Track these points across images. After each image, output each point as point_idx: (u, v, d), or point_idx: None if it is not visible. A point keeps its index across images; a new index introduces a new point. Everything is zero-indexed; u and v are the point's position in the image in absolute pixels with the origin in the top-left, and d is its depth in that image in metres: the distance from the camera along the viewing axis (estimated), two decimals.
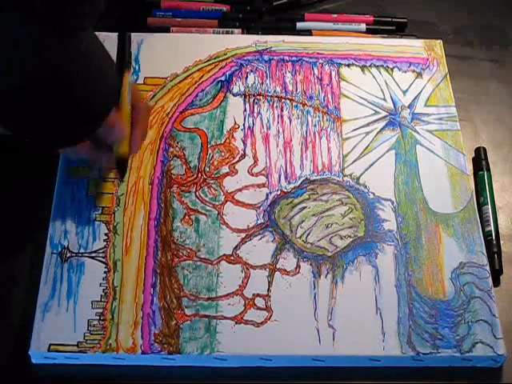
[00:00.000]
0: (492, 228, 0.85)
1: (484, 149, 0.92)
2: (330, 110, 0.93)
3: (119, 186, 0.85)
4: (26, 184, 0.87)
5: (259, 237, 0.82)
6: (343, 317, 0.78)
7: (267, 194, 0.86)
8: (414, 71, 0.97)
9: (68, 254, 0.80)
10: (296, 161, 0.89)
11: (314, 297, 0.79)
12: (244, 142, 0.90)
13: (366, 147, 0.90)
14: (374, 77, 0.96)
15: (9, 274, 0.81)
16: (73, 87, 0.73)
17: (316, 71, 0.96)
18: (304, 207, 0.85)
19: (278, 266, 0.80)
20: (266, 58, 0.97)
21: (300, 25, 1.03)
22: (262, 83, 0.95)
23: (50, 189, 0.85)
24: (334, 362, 0.76)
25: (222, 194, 0.85)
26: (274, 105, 0.93)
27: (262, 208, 0.85)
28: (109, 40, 0.93)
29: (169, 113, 0.91)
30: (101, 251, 0.80)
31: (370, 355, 0.76)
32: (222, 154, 0.89)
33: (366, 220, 0.84)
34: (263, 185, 0.86)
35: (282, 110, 0.93)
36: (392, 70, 0.97)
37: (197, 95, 0.93)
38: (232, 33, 1.01)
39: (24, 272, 0.81)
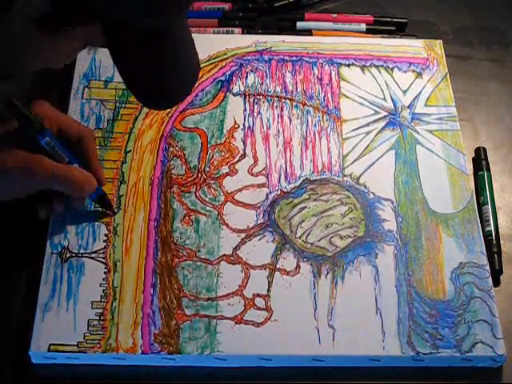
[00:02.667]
0: (492, 228, 0.85)
1: (484, 149, 0.92)
2: (329, 109, 0.93)
3: (119, 188, 0.85)
4: None
5: (259, 237, 0.82)
6: (343, 317, 0.78)
7: (267, 194, 0.86)
8: (414, 71, 0.97)
9: (68, 255, 0.80)
10: (296, 161, 0.89)
11: (314, 297, 0.79)
12: (244, 142, 0.90)
13: (366, 147, 0.90)
14: (373, 77, 0.96)
15: (9, 274, 0.81)
16: None
17: (316, 71, 0.96)
18: (304, 207, 0.85)
19: (277, 266, 0.80)
20: (265, 57, 0.97)
21: (300, 24, 1.04)
22: (262, 83, 0.95)
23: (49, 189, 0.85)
24: (334, 362, 0.76)
25: (221, 194, 0.85)
26: (274, 105, 0.93)
27: (261, 208, 0.85)
28: None
29: (169, 112, 0.91)
30: (101, 251, 0.80)
31: (370, 355, 0.76)
32: (222, 153, 0.89)
33: (366, 220, 0.84)
34: (263, 185, 0.86)
35: (281, 110, 0.93)
36: (392, 69, 0.97)
37: (197, 95, 0.93)
38: (232, 33, 1.01)
39: (24, 272, 0.81)
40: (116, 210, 0.83)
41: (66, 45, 0.69)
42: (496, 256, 0.84)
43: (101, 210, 0.83)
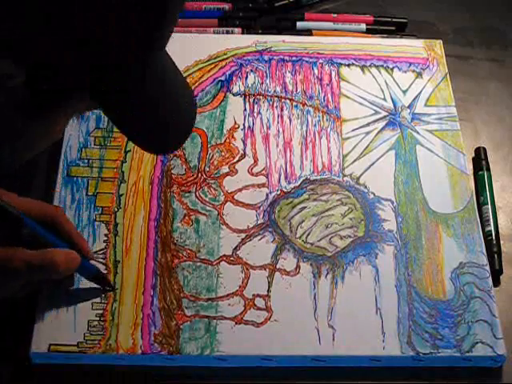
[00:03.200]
0: (492, 228, 0.85)
1: (484, 149, 0.92)
2: (329, 109, 0.93)
3: (119, 187, 0.85)
4: (27, 184, 0.87)
5: (259, 237, 0.82)
6: (343, 317, 0.78)
7: (267, 194, 0.86)
8: (414, 71, 0.97)
9: None
10: (296, 161, 0.89)
11: (314, 297, 0.79)
12: (244, 142, 0.90)
13: (366, 147, 0.90)
14: (374, 77, 0.96)
15: None
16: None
17: (316, 71, 0.96)
18: (304, 207, 0.85)
19: (278, 267, 0.80)
20: (265, 57, 0.97)
21: (300, 24, 1.04)
22: (262, 83, 0.95)
23: (50, 189, 0.85)
24: (334, 362, 0.76)
25: (221, 194, 0.85)
26: (274, 105, 0.93)
27: (261, 208, 0.85)
28: None
29: None
30: (101, 252, 0.80)
31: (370, 355, 0.76)
32: (222, 153, 0.89)
33: (366, 220, 0.84)
34: (263, 185, 0.86)
35: (281, 110, 0.93)
36: (392, 69, 0.97)
37: (197, 95, 0.93)
38: (232, 33, 1.01)
39: None
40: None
41: (55, 121, 0.65)
42: (496, 256, 0.84)
43: (98, 286, 0.78)
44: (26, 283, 0.74)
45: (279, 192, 0.86)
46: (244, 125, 0.91)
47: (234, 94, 0.94)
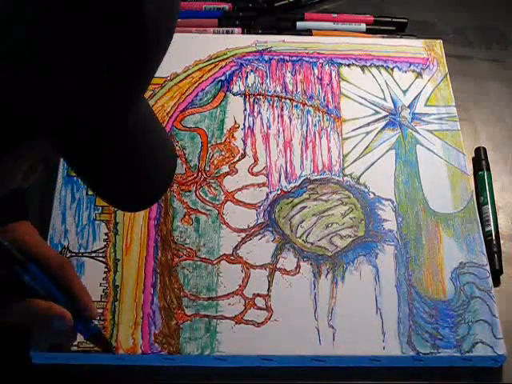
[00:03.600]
0: (492, 228, 0.85)
1: (484, 149, 0.92)
2: (330, 109, 0.93)
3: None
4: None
5: (259, 236, 0.82)
6: (343, 317, 0.78)
7: (267, 194, 0.86)
8: (414, 71, 0.97)
9: (68, 254, 0.80)
10: (296, 160, 0.89)
11: (314, 297, 0.79)
12: (244, 142, 0.90)
13: (366, 147, 0.90)
14: (374, 77, 0.96)
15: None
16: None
17: (316, 71, 0.96)
18: (304, 207, 0.85)
19: (278, 266, 0.80)
20: (266, 57, 0.97)
21: (300, 24, 1.04)
22: (262, 83, 0.95)
23: (50, 189, 0.85)
24: (334, 362, 0.76)
25: (222, 193, 0.85)
26: (274, 104, 0.93)
27: (262, 207, 0.84)
28: None
29: (169, 112, 0.91)
30: (101, 251, 0.80)
31: (369, 355, 0.76)
32: (222, 153, 0.89)
33: (366, 220, 0.84)
34: (263, 184, 0.86)
35: (282, 110, 0.93)
36: (392, 69, 0.97)
37: (197, 95, 0.93)
38: (232, 33, 1.01)
39: None
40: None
41: (9, 170, 0.57)
42: (496, 256, 0.84)
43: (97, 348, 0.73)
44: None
45: (279, 191, 0.86)
46: (244, 124, 0.91)
47: (234, 94, 0.94)
